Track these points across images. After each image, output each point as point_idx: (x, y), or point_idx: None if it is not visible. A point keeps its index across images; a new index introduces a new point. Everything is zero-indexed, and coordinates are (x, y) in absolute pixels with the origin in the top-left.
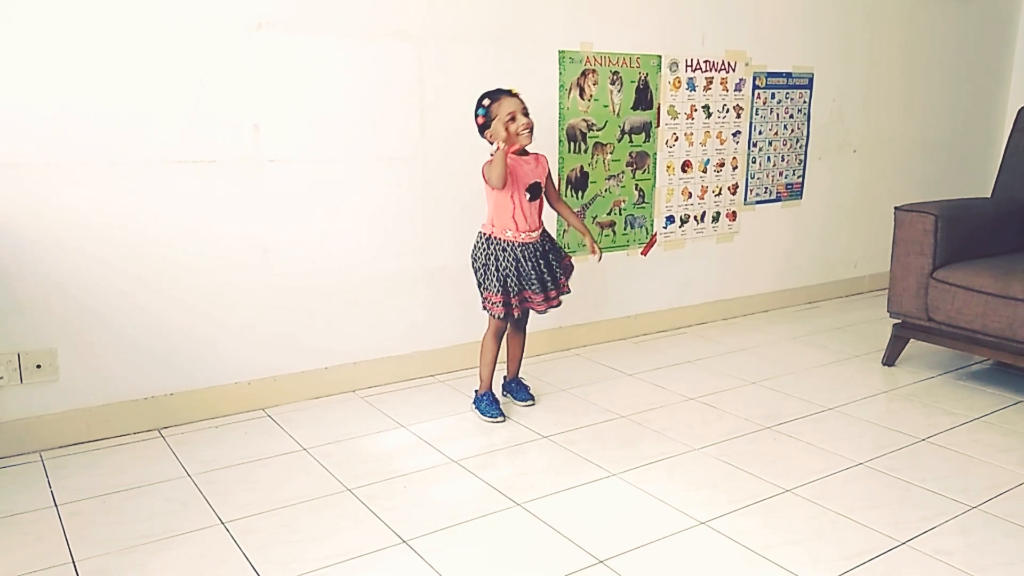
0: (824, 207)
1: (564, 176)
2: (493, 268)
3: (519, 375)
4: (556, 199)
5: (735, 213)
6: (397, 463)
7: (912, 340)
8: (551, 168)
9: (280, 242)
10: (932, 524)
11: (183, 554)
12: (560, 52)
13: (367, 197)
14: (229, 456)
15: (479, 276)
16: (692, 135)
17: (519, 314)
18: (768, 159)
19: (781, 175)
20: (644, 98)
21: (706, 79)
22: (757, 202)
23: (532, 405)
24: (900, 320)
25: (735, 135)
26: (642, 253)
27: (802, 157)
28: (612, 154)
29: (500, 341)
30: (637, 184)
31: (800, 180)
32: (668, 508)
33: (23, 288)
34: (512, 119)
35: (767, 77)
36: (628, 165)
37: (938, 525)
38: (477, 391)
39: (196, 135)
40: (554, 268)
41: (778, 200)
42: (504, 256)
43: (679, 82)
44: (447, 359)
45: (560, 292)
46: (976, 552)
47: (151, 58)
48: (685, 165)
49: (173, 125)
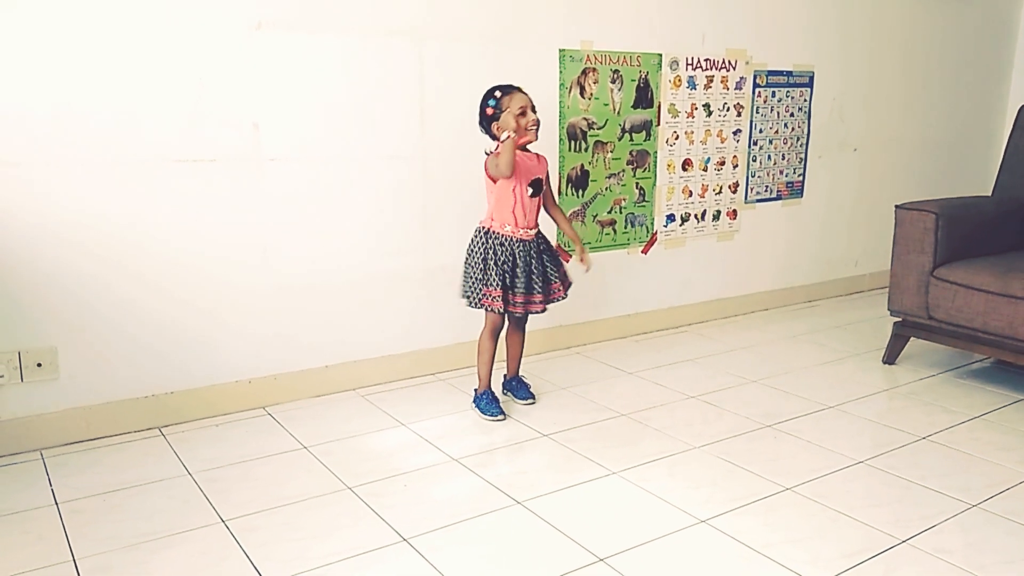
0: (824, 206)
1: (564, 175)
2: (492, 263)
3: (519, 373)
4: (552, 204)
5: (735, 212)
6: (397, 461)
7: (912, 338)
8: (550, 171)
9: (280, 241)
10: (932, 522)
11: (184, 552)
12: (560, 51)
13: (367, 196)
14: (230, 454)
15: (476, 271)
16: (692, 133)
17: (507, 311)
18: (768, 158)
19: (782, 173)
20: (644, 96)
21: (707, 77)
22: (757, 201)
23: (532, 403)
24: (900, 318)
25: (735, 133)
26: (642, 252)
27: (802, 156)
28: (613, 152)
29: (496, 339)
30: (638, 183)
31: (800, 179)
32: (668, 506)
33: (23, 287)
34: (522, 113)
35: (767, 76)
36: (629, 164)
37: (938, 523)
38: (476, 390)
39: (196, 134)
40: (547, 271)
41: (778, 199)
42: (502, 251)
43: (679, 80)
44: (447, 357)
45: (548, 299)
46: (976, 550)
47: (151, 57)
48: (685, 163)
49: (173, 124)
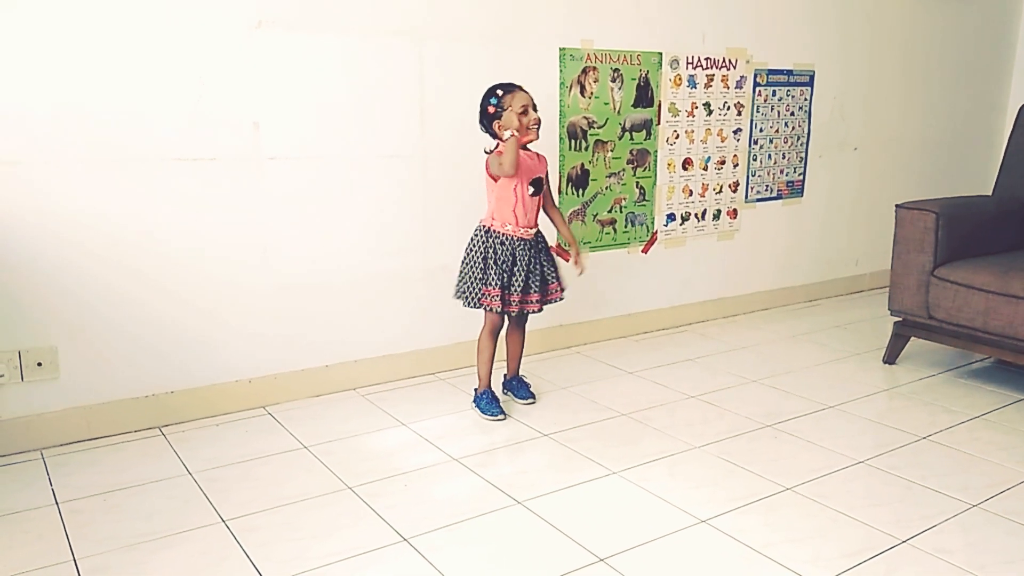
0: (825, 205)
1: (565, 174)
2: (492, 262)
3: (519, 373)
4: (550, 204)
5: (736, 211)
6: (398, 461)
7: (913, 338)
8: (550, 170)
9: (280, 240)
10: (933, 522)
11: (184, 552)
12: (561, 50)
13: (367, 195)
14: (230, 454)
15: (475, 270)
16: (693, 132)
17: (503, 310)
18: (769, 157)
19: (782, 173)
20: (645, 95)
21: (707, 76)
22: (758, 200)
23: (533, 403)
24: (901, 318)
25: (736, 133)
26: (643, 251)
27: (803, 155)
28: (613, 152)
29: (496, 339)
30: (638, 182)
31: (801, 178)
32: (669, 506)
33: (23, 286)
34: (524, 112)
35: (768, 74)
36: (629, 163)
37: (939, 523)
38: (476, 389)
39: (196, 133)
40: (545, 271)
41: (779, 198)
42: (502, 250)
43: (680, 79)
44: (447, 357)
45: (545, 299)
46: (976, 550)
47: (151, 56)
48: (686, 163)
49: (173, 123)
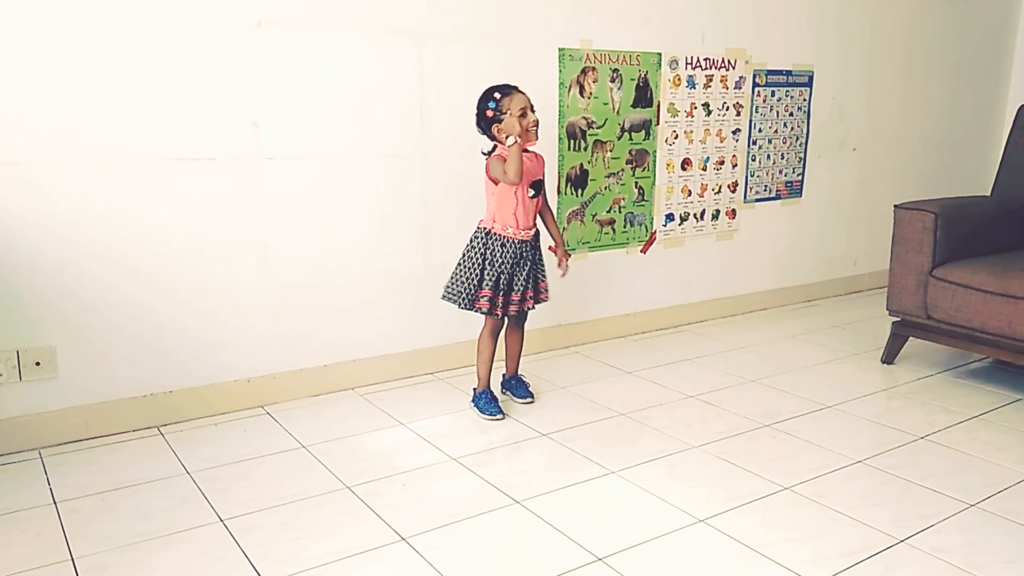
0: (824, 205)
1: (564, 174)
2: (489, 264)
3: (518, 372)
4: (544, 203)
5: (735, 211)
6: (396, 460)
7: (911, 338)
8: (547, 170)
9: (279, 240)
10: (931, 522)
11: (182, 551)
12: (560, 50)
13: (367, 195)
14: (228, 454)
15: (472, 272)
16: (692, 133)
17: (502, 313)
18: (768, 157)
19: (781, 173)
20: (644, 96)
21: (706, 77)
22: (757, 200)
23: (531, 402)
24: (899, 318)
25: (735, 133)
26: (641, 251)
27: (802, 155)
28: (612, 152)
29: (496, 339)
30: (637, 182)
31: (800, 178)
32: (667, 506)
33: (22, 285)
34: (523, 115)
35: (767, 75)
36: (628, 163)
37: (937, 523)
38: (475, 389)
39: (196, 133)
40: (537, 271)
41: (778, 198)
42: (502, 252)
43: (679, 80)
44: (446, 356)
45: (537, 298)
46: (975, 550)
47: (151, 56)
48: (685, 163)
49: (173, 123)
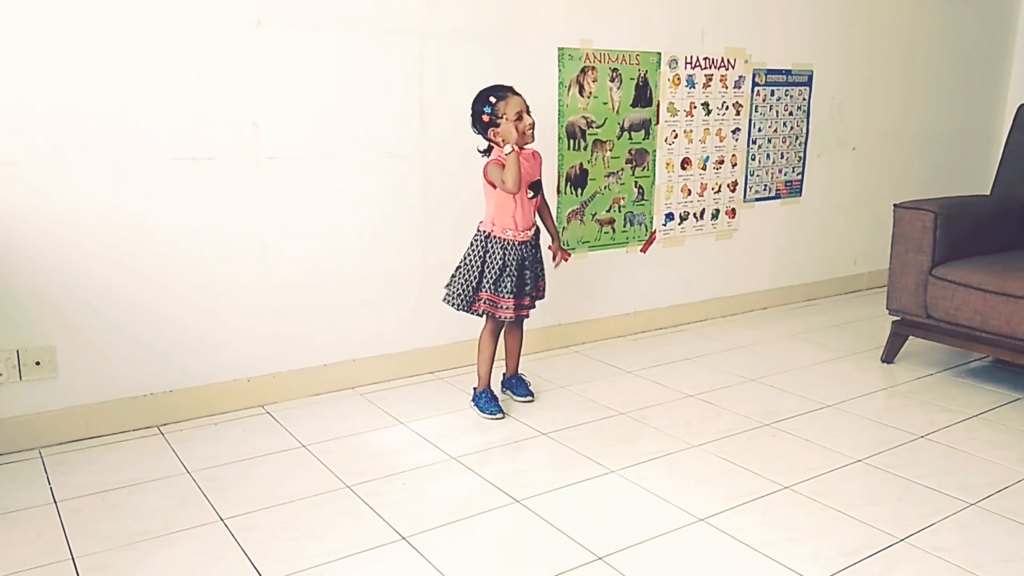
0: (823, 204)
1: (563, 173)
2: (488, 268)
3: (518, 371)
4: (542, 199)
5: (734, 210)
6: (396, 460)
7: (911, 337)
8: (547, 168)
9: (279, 239)
10: (930, 521)
11: (182, 550)
12: (560, 49)
13: (366, 194)
14: (228, 453)
15: (471, 275)
16: (691, 132)
17: (504, 317)
18: (767, 156)
19: (780, 172)
20: (643, 95)
21: (705, 76)
22: (756, 199)
23: (531, 401)
24: (899, 317)
25: (734, 132)
26: (641, 250)
27: (801, 154)
28: (611, 151)
29: (497, 338)
30: (636, 181)
31: (799, 177)
32: (667, 505)
33: (22, 285)
34: (519, 118)
35: (767, 74)
36: (627, 162)
37: (936, 522)
38: (476, 388)
39: (195, 132)
40: (537, 270)
41: (777, 197)
42: (502, 254)
43: (678, 79)
44: (446, 356)
45: (536, 296)
46: (974, 549)
47: (150, 55)
48: (684, 162)
49: (172, 122)
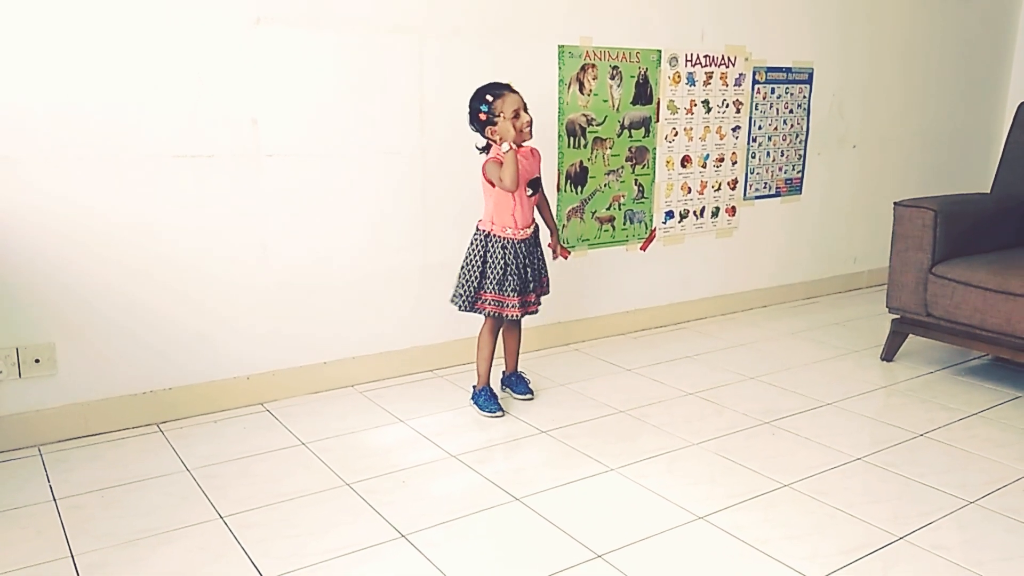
0: (823, 202)
1: (563, 171)
2: (489, 267)
3: (518, 369)
4: (541, 196)
5: (734, 208)
6: (396, 458)
7: (911, 335)
8: (547, 166)
9: (279, 237)
10: (930, 519)
11: (182, 548)
12: (560, 47)
13: (366, 192)
14: (228, 450)
15: (473, 275)
16: (692, 130)
17: (511, 315)
18: (768, 154)
19: (780, 170)
20: (644, 93)
21: (706, 74)
22: (756, 197)
23: (531, 399)
24: (899, 315)
25: (735, 130)
26: (641, 248)
27: (801, 152)
28: (612, 149)
29: (496, 336)
30: (636, 179)
31: (799, 175)
32: (666, 503)
33: (21, 282)
34: (516, 116)
35: (767, 72)
36: (628, 160)
37: (936, 520)
38: (475, 386)
39: (195, 130)
40: (537, 269)
41: (777, 195)
42: (502, 253)
43: (679, 77)
44: (446, 354)
45: (540, 293)
46: (974, 547)
47: (150, 52)
48: (684, 160)
49: (172, 120)
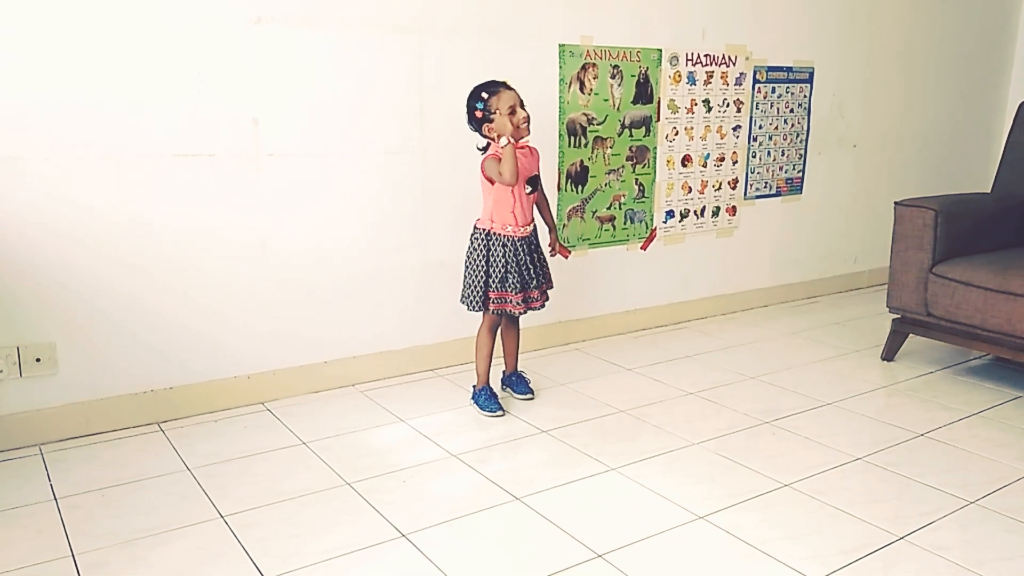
0: (824, 202)
1: (564, 170)
2: (493, 265)
3: (518, 368)
4: (540, 194)
5: (735, 208)
6: (396, 457)
7: (911, 335)
8: (546, 164)
9: (279, 236)
10: (930, 519)
11: (182, 547)
12: (560, 46)
13: (366, 191)
14: (228, 450)
15: (478, 275)
16: (692, 129)
17: (517, 312)
18: (768, 154)
19: (781, 170)
20: (644, 92)
21: (706, 73)
22: (757, 197)
23: (531, 399)
24: (899, 315)
25: (735, 130)
26: (642, 248)
27: (802, 152)
28: (612, 148)
29: (495, 336)
30: (637, 178)
31: (800, 175)
32: (666, 502)
33: (22, 282)
34: (512, 112)
35: (767, 71)
36: (628, 159)
37: (936, 520)
38: (475, 386)
39: (195, 129)
40: (539, 266)
41: (778, 195)
42: (504, 251)
43: (679, 76)
44: (446, 353)
45: (543, 290)
46: (974, 547)
47: (150, 51)
48: (685, 159)
49: (172, 119)
